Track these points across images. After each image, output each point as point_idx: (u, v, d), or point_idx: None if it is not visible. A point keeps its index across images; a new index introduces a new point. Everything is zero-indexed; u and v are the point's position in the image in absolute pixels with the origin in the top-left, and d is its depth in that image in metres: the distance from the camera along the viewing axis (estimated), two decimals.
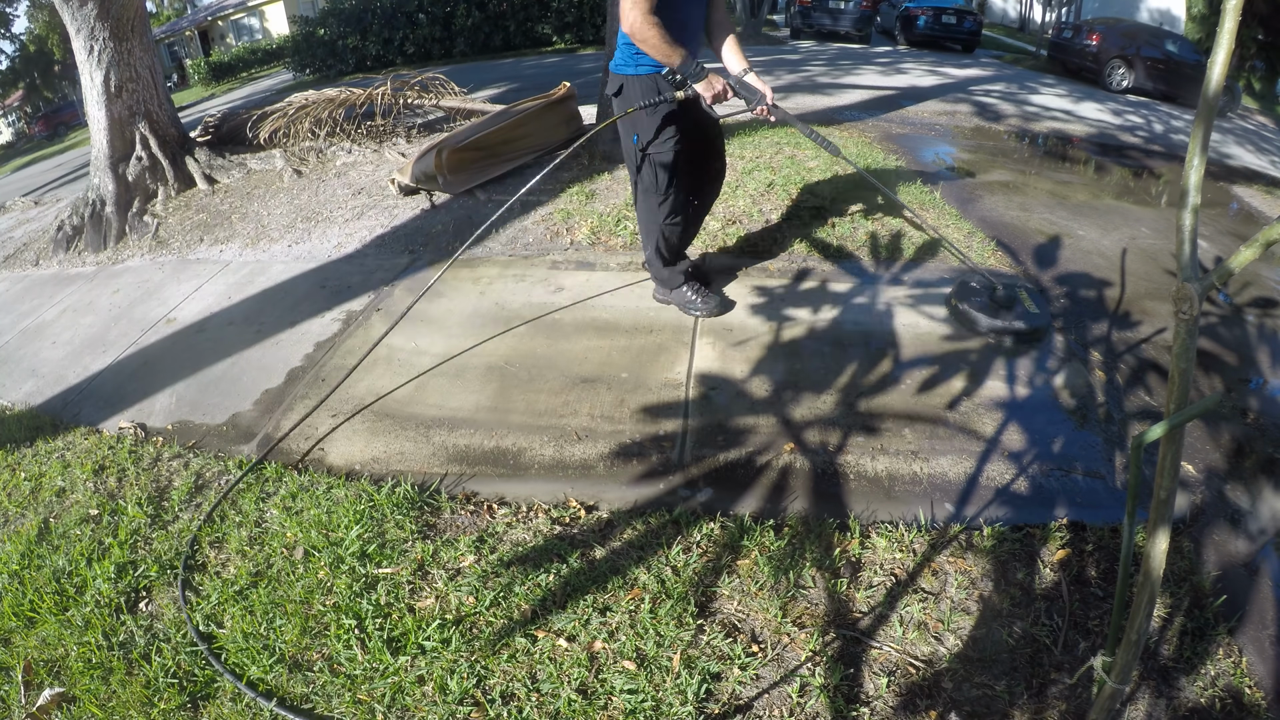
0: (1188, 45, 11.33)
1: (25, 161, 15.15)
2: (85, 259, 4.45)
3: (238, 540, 2.03)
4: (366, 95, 5.80)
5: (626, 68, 2.47)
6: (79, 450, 2.55)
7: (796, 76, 9.50)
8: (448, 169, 4.24)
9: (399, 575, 1.87)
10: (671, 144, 2.50)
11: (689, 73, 2.31)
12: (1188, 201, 0.93)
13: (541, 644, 1.66)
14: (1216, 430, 2.33)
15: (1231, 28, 0.84)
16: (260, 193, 4.87)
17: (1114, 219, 4.17)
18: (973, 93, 8.78)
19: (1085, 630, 1.67)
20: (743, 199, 4.01)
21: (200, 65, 23.60)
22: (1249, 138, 8.50)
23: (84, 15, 4.40)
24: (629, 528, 1.98)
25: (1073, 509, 1.99)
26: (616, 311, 3.04)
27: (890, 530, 1.94)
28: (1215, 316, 3.07)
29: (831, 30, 15.03)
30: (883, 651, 1.64)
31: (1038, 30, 17.17)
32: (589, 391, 2.55)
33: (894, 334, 2.80)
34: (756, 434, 2.31)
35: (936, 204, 4.06)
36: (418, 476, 2.23)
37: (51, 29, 26.60)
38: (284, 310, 3.33)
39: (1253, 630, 1.69)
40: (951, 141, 6.09)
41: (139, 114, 4.81)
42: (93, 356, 3.19)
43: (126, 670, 1.69)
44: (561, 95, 4.98)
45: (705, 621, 1.71)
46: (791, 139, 5.16)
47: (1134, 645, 1.06)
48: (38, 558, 2.06)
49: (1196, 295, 0.87)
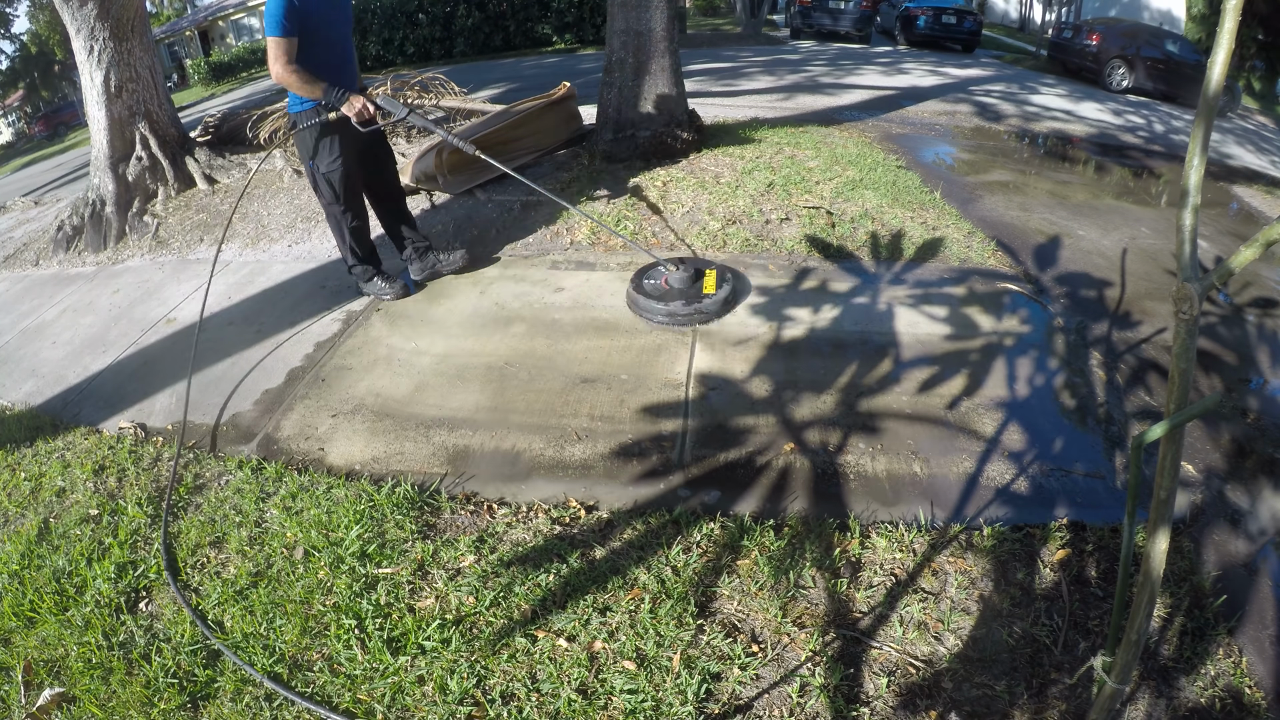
0: (1188, 45, 11.32)
1: (25, 161, 15.14)
2: (85, 259, 4.45)
3: (238, 540, 2.03)
4: None
5: (294, 106, 2.90)
6: (79, 450, 2.55)
7: (798, 77, 9.50)
8: (447, 169, 4.24)
9: (399, 575, 1.87)
10: (340, 162, 2.92)
11: (332, 100, 2.76)
12: (1188, 201, 0.93)
13: (541, 644, 1.66)
14: (1216, 430, 2.33)
15: (1231, 28, 0.84)
16: (260, 193, 4.87)
17: (1114, 219, 4.17)
18: (973, 93, 8.78)
19: (1085, 630, 1.67)
20: (742, 199, 4.01)
21: (200, 65, 23.59)
22: (1249, 138, 8.50)
23: (84, 15, 4.40)
24: (629, 528, 1.98)
25: (1073, 509, 1.99)
26: (616, 311, 3.04)
27: (890, 530, 1.94)
28: (1215, 316, 3.08)
29: (831, 30, 15.02)
30: (883, 651, 1.64)
31: (1038, 30, 17.16)
32: (589, 391, 2.55)
33: (894, 334, 2.80)
34: (756, 434, 2.31)
35: (936, 204, 4.06)
36: (418, 476, 2.23)
37: (52, 29, 26.60)
38: (284, 310, 3.33)
39: (1253, 630, 1.69)
40: (951, 141, 6.09)
41: (139, 114, 4.81)
42: (93, 356, 3.19)
43: (126, 670, 1.69)
44: (561, 95, 4.98)
45: (705, 621, 1.71)
46: (791, 139, 5.16)
47: (1134, 645, 1.06)
48: (38, 558, 2.06)
49: (1196, 295, 0.87)
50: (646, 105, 4.68)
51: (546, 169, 4.64)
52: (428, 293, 3.33)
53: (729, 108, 6.85)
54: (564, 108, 5.04)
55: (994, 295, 3.09)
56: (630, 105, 4.69)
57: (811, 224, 3.71)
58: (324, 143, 2.88)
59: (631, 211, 3.92)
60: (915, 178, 4.52)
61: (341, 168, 2.93)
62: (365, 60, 15.34)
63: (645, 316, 2.94)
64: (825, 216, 3.78)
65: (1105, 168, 5.58)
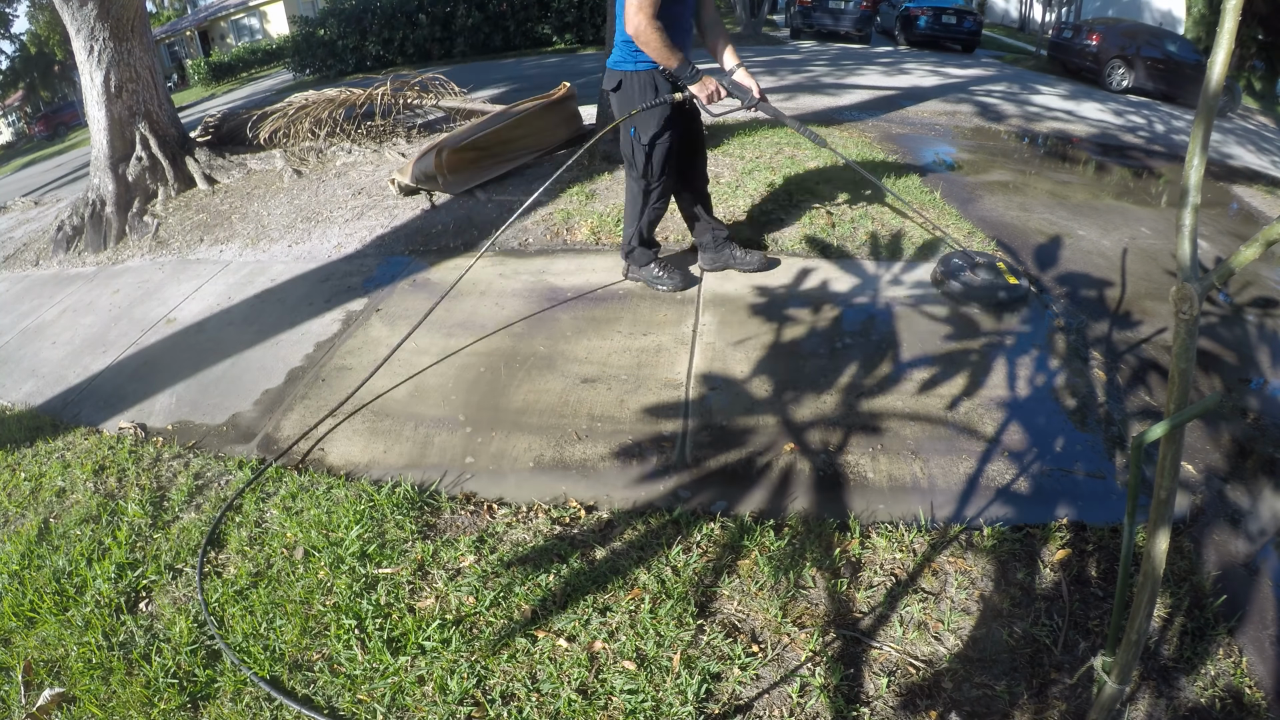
0: (1188, 45, 11.33)
1: (25, 162, 15.15)
2: (85, 259, 4.45)
3: (238, 540, 2.03)
4: (366, 95, 5.80)
5: (625, 64, 2.63)
6: (79, 450, 2.55)
7: (799, 77, 9.50)
8: (448, 169, 4.24)
9: (399, 575, 1.87)
10: (666, 138, 2.70)
11: (685, 76, 2.51)
12: (1188, 201, 0.93)
13: (541, 644, 1.66)
14: (1216, 430, 2.33)
15: (1231, 28, 0.84)
16: (260, 193, 4.87)
17: (1114, 219, 4.17)
18: (973, 93, 8.77)
19: (1085, 630, 1.67)
20: (743, 199, 4.01)
21: (200, 65, 23.60)
22: (1249, 138, 8.50)
23: (84, 15, 4.40)
24: (629, 528, 1.98)
25: (1073, 509, 1.99)
26: (616, 311, 3.04)
27: (890, 530, 1.94)
28: (1215, 316, 3.07)
29: (832, 30, 15.03)
30: (883, 651, 1.64)
31: (1038, 30, 17.16)
32: (589, 391, 2.55)
33: (894, 333, 2.80)
34: (756, 434, 2.31)
35: (936, 204, 4.06)
36: (417, 476, 2.23)
37: (52, 29, 26.60)
38: (284, 310, 3.33)
39: (1253, 630, 1.69)
40: (952, 141, 6.09)
41: (139, 114, 4.81)
42: (93, 356, 3.19)
43: (126, 670, 1.69)
44: (561, 95, 4.98)
45: (705, 622, 1.71)
46: (791, 139, 5.16)
47: (1134, 645, 1.06)
48: (38, 558, 2.06)
49: (1197, 295, 0.87)
50: None
51: (547, 169, 4.64)
52: (428, 292, 3.33)
53: (723, 105, 6.84)
54: (564, 108, 5.04)
55: None
56: None
57: (811, 224, 3.71)
58: (652, 113, 2.64)
59: None
60: (915, 177, 4.52)
61: (668, 143, 2.72)
62: (365, 60, 15.35)
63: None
64: (825, 216, 3.78)
65: (1105, 167, 5.58)
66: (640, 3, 2.36)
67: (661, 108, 2.62)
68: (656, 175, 2.80)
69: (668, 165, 2.80)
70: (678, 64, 2.49)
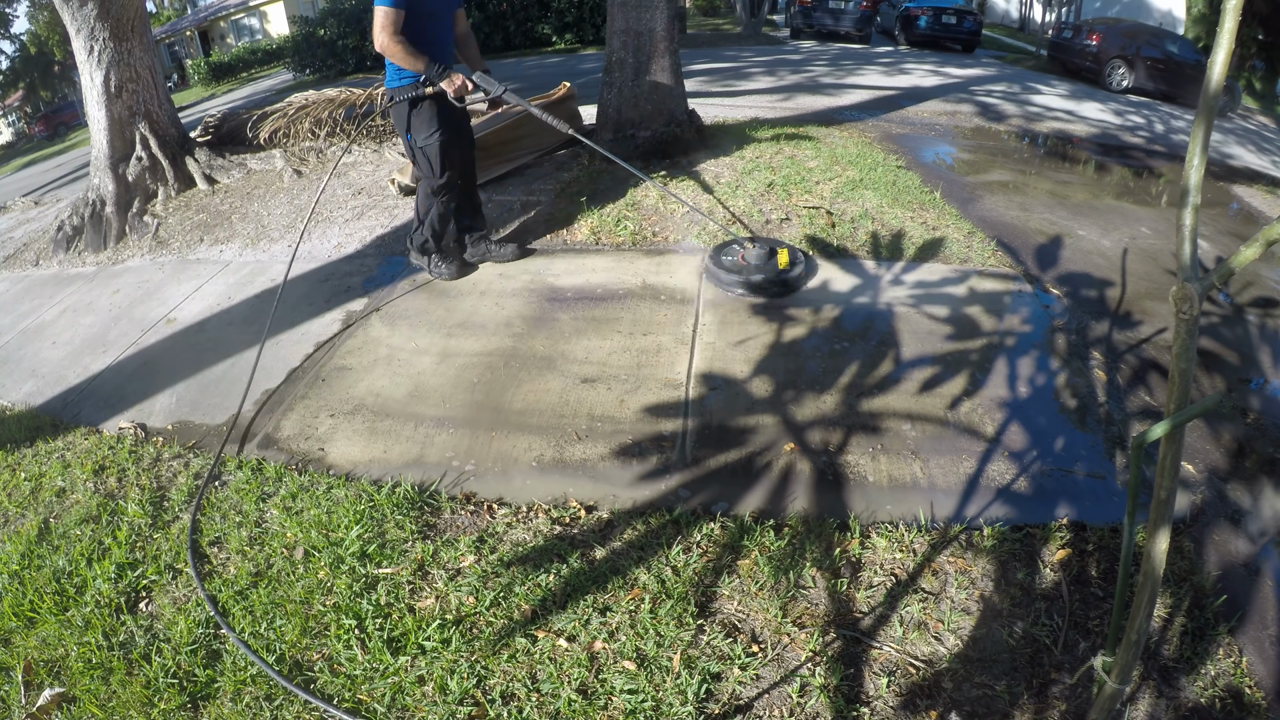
0: (1188, 45, 11.32)
1: (25, 162, 15.14)
2: (85, 259, 4.45)
3: (238, 540, 2.03)
4: (366, 95, 5.80)
5: (393, 81, 3.00)
6: (79, 450, 2.55)
7: (799, 77, 9.49)
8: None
9: (399, 575, 1.87)
10: (437, 136, 3.00)
11: (433, 75, 2.86)
12: (1188, 201, 0.93)
13: (541, 644, 1.66)
14: (1216, 430, 2.33)
15: (1231, 28, 0.84)
16: (260, 193, 4.87)
17: (1114, 219, 4.17)
18: (973, 93, 8.77)
19: (1085, 630, 1.67)
20: (743, 199, 4.01)
21: (200, 65, 23.58)
22: (1249, 138, 8.50)
23: (84, 15, 4.40)
24: (629, 528, 1.98)
25: (1073, 509, 1.99)
26: (616, 311, 3.04)
27: (890, 530, 1.94)
28: (1216, 316, 3.07)
29: (832, 30, 15.02)
30: (883, 651, 1.64)
31: (1038, 30, 17.15)
32: (589, 391, 2.55)
33: (894, 333, 2.80)
34: (756, 434, 2.31)
35: (936, 204, 4.05)
36: (417, 476, 2.23)
37: (51, 29, 26.59)
38: (284, 310, 3.33)
39: (1253, 630, 1.69)
40: (952, 141, 6.09)
41: (139, 114, 4.81)
42: (93, 357, 3.19)
43: (126, 670, 1.69)
44: (561, 95, 4.98)
45: (705, 621, 1.71)
46: (791, 140, 5.16)
47: (1134, 645, 1.06)
48: (38, 558, 2.06)
49: (1197, 295, 0.87)
50: (646, 105, 4.68)
51: (547, 169, 4.64)
52: (428, 292, 3.33)
53: (729, 108, 6.85)
54: (564, 108, 5.03)
55: (994, 295, 3.09)
56: (630, 105, 4.69)
57: (812, 224, 3.71)
58: (419, 117, 2.96)
59: (632, 211, 3.92)
60: (915, 178, 4.52)
61: (439, 139, 3.00)
62: (365, 60, 15.34)
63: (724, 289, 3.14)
64: (825, 216, 3.78)
65: (1105, 167, 5.58)
66: (382, 24, 2.71)
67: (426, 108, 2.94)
68: (440, 172, 3.08)
69: (447, 161, 3.08)
70: (424, 65, 2.82)
